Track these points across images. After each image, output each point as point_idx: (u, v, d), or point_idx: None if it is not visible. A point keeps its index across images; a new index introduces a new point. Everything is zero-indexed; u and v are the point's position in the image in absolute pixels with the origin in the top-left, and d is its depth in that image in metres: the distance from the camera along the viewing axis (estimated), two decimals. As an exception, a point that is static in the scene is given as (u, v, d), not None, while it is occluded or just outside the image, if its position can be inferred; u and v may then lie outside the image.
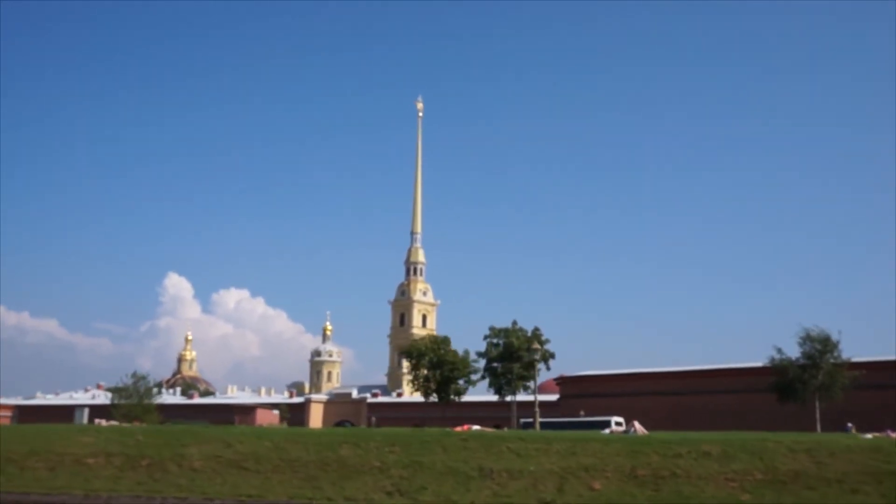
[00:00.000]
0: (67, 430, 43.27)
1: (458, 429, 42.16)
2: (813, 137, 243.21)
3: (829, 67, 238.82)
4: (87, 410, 66.18)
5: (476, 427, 45.01)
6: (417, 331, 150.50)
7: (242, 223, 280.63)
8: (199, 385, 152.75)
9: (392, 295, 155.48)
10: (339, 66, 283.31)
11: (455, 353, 60.11)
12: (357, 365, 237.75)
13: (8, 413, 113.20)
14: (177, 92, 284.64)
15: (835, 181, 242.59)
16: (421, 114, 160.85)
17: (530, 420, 58.68)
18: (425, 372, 59.66)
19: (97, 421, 59.60)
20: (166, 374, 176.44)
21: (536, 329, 58.03)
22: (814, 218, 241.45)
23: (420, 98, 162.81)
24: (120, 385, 79.59)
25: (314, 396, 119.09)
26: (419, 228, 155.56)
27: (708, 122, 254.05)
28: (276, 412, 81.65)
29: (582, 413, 61.28)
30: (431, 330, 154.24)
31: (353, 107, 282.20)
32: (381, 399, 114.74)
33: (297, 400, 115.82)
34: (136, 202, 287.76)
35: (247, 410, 79.47)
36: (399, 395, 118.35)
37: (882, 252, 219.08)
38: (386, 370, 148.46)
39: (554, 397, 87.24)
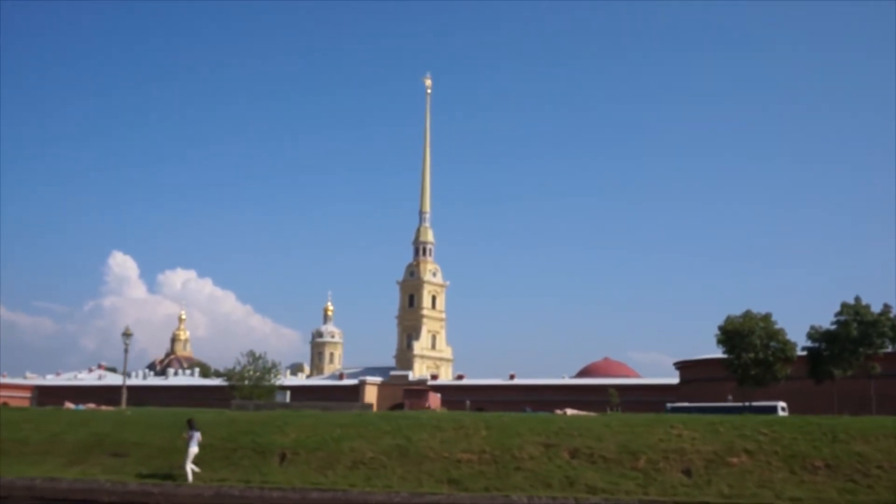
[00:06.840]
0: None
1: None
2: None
3: (830, 65, 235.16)
4: (288, 393, 59.60)
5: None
6: (427, 312, 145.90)
7: (213, 206, 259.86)
8: (196, 366, 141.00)
9: (400, 275, 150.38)
10: (345, 43, 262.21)
11: (782, 331, 55.18)
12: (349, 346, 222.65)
13: (27, 394, 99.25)
14: (129, 66, 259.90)
15: None
16: (429, 91, 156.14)
17: (678, 405, 53.71)
18: (752, 355, 53.20)
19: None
20: (107, 354, 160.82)
21: (886, 305, 49.31)
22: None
23: (428, 74, 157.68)
24: (241, 366, 73.03)
25: (369, 378, 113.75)
26: (428, 208, 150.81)
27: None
28: (438, 395, 77.52)
29: (730, 398, 56.43)
30: (441, 311, 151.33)
31: (358, 84, 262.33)
32: (441, 381, 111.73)
33: (349, 382, 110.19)
34: (79, 179, 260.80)
35: (418, 394, 74.91)
36: (460, 377, 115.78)
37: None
38: (394, 352, 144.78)
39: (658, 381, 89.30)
